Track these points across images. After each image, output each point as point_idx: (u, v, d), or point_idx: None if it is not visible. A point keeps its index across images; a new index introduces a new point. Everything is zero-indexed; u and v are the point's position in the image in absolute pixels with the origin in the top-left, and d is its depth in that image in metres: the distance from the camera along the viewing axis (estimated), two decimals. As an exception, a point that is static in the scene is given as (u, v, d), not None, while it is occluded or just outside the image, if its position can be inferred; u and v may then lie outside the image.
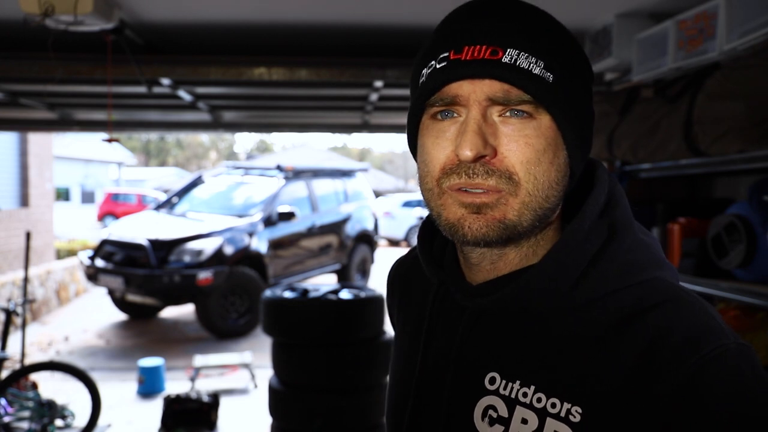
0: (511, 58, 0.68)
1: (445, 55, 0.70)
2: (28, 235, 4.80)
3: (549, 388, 0.70)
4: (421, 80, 0.73)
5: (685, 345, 0.64)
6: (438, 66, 0.70)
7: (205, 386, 5.44)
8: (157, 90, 3.54)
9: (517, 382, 0.72)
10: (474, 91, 0.69)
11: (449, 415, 0.78)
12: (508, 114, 0.69)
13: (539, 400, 0.70)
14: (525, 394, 0.71)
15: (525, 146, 0.69)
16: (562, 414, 0.68)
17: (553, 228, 0.76)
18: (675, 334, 0.65)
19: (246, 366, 5.52)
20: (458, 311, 0.80)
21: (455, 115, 0.71)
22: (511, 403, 0.72)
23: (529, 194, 0.69)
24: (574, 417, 0.67)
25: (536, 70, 0.68)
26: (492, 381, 0.75)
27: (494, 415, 0.73)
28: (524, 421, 0.70)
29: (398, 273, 1.00)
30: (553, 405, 0.69)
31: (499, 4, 0.72)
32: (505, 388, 0.73)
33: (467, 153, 0.67)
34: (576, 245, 0.71)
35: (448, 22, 0.74)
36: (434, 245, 0.88)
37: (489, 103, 0.69)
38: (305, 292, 3.77)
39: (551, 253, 0.72)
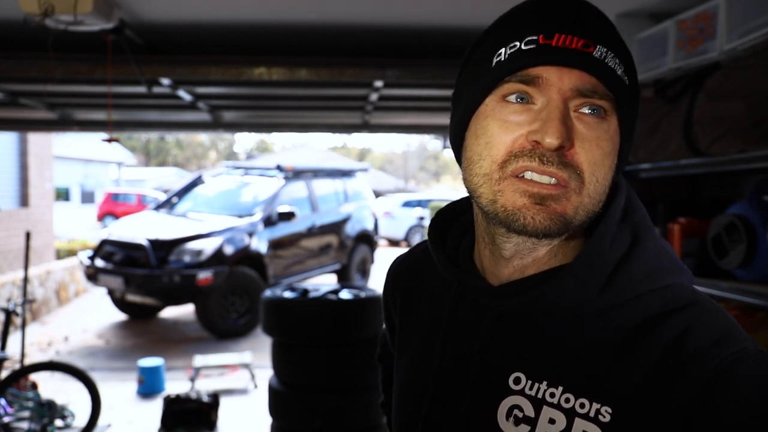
0: (601, 55, 0.68)
1: (534, 38, 0.68)
2: (28, 235, 4.80)
3: (577, 388, 0.69)
4: (497, 59, 0.70)
5: (708, 347, 0.65)
6: (524, 47, 0.68)
7: (205, 386, 5.43)
8: (157, 90, 3.54)
9: (544, 383, 0.71)
10: (561, 78, 0.67)
11: (470, 415, 0.76)
12: (585, 110, 0.68)
13: (567, 400, 0.69)
14: (552, 395, 0.70)
15: (596, 147, 0.68)
16: (591, 414, 0.67)
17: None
18: (698, 336, 0.66)
19: (246, 366, 5.51)
20: (476, 310, 0.79)
21: (529, 101, 0.69)
22: (538, 403, 0.71)
23: (589, 195, 0.69)
24: (604, 417, 0.67)
25: (619, 71, 0.69)
26: (517, 381, 0.73)
27: (519, 415, 0.72)
28: (552, 421, 0.70)
29: (400, 270, 0.98)
30: (582, 405, 0.68)
31: (580, 1, 0.71)
32: (531, 389, 0.72)
33: (553, 141, 0.65)
34: (605, 249, 0.71)
35: (531, 8, 0.72)
36: (446, 243, 0.86)
37: (572, 94, 0.67)
38: (305, 292, 3.77)
39: (582, 255, 0.71)
